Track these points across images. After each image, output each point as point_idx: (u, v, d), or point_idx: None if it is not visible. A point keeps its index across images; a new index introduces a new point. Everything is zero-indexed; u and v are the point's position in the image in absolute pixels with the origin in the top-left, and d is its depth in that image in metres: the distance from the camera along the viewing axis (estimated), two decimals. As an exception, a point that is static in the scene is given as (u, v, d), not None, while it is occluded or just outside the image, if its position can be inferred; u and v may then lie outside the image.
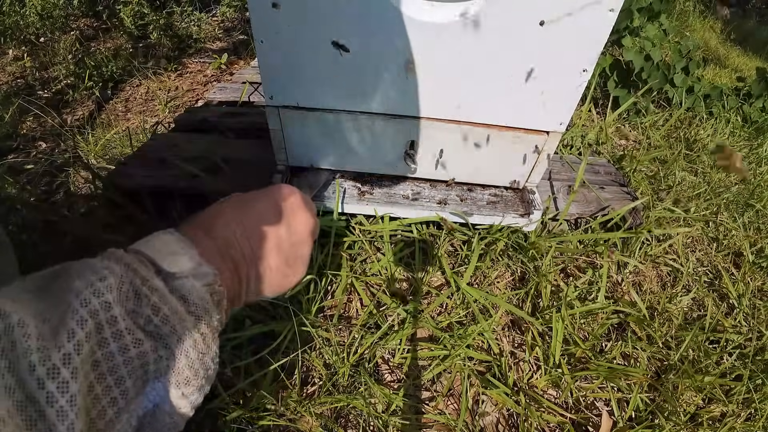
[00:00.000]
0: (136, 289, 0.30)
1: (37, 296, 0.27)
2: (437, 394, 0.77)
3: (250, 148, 1.12)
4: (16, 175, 1.33)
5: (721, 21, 4.71)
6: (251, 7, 0.68)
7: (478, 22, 0.69)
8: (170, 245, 0.34)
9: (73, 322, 0.26)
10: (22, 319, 0.24)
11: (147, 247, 0.34)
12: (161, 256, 0.33)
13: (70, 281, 0.28)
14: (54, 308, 0.26)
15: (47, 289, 0.28)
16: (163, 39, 2.23)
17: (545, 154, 0.91)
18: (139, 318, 0.30)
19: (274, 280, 0.41)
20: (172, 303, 0.31)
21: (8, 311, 0.24)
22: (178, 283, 0.32)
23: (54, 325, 0.26)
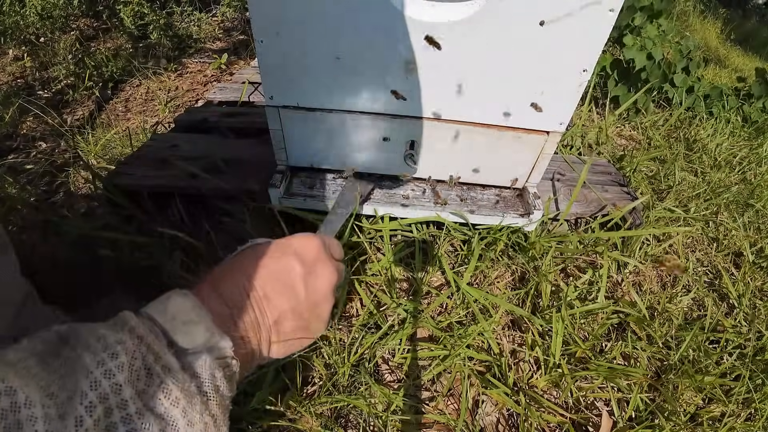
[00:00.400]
0: (148, 367, 0.29)
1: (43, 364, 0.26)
2: (437, 394, 0.77)
3: (250, 148, 1.12)
4: (16, 175, 1.33)
5: (720, 21, 4.71)
6: (251, 7, 0.68)
7: (478, 22, 0.69)
8: (186, 312, 0.33)
9: (81, 408, 0.25)
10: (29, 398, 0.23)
11: (161, 313, 0.33)
12: (175, 326, 0.32)
13: (80, 354, 0.27)
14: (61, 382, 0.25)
15: (56, 355, 0.27)
16: (163, 39, 2.23)
17: (545, 154, 0.91)
18: (150, 399, 0.28)
19: (288, 345, 0.40)
20: (184, 383, 0.30)
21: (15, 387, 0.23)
22: (190, 359, 0.31)
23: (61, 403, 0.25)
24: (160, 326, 0.32)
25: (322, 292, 0.41)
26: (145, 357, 0.29)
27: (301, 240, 0.42)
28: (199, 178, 0.97)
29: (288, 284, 0.39)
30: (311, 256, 0.41)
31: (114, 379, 0.27)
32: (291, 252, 0.40)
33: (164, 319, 0.32)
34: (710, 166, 1.53)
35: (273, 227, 0.91)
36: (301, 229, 0.94)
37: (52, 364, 0.26)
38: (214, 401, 0.31)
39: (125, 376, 0.28)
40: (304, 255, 0.40)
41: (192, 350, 0.32)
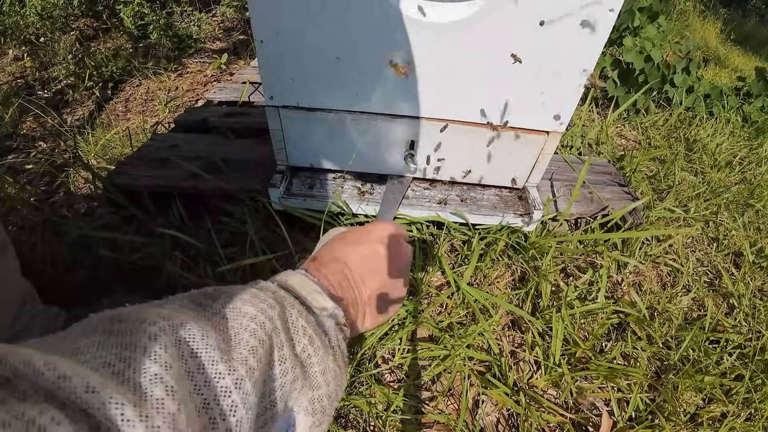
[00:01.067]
0: (294, 321, 0.33)
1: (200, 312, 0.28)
2: (437, 394, 0.77)
3: (250, 148, 1.12)
4: (16, 175, 1.33)
5: (721, 21, 4.71)
6: (251, 7, 0.68)
7: (478, 22, 0.69)
8: (308, 285, 0.38)
9: (254, 340, 0.28)
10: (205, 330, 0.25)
11: (288, 282, 0.37)
12: (305, 294, 0.36)
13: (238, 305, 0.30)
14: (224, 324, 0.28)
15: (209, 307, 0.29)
16: (163, 39, 2.23)
17: (545, 154, 0.91)
18: (297, 345, 0.32)
19: (376, 318, 0.45)
20: (321, 336, 0.34)
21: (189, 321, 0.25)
22: (321, 319, 0.35)
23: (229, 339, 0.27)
24: (293, 292, 0.36)
25: (402, 271, 0.47)
26: (291, 312, 0.33)
27: (381, 228, 0.48)
28: (199, 178, 0.97)
29: (376, 266, 0.45)
30: (390, 239, 0.47)
31: (275, 324, 0.30)
32: (375, 239, 0.46)
33: (293, 288, 0.37)
34: (710, 166, 1.53)
35: (273, 227, 0.91)
36: (301, 229, 0.94)
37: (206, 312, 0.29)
38: (339, 355, 0.36)
39: (281, 323, 0.31)
40: (384, 239, 0.47)
41: (321, 313, 0.36)
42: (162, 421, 0.20)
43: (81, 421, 0.18)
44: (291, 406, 0.31)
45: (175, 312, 0.26)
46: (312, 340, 0.33)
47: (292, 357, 0.30)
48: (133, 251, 0.92)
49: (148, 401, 0.20)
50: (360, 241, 0.46)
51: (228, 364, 0.25)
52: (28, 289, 0.66)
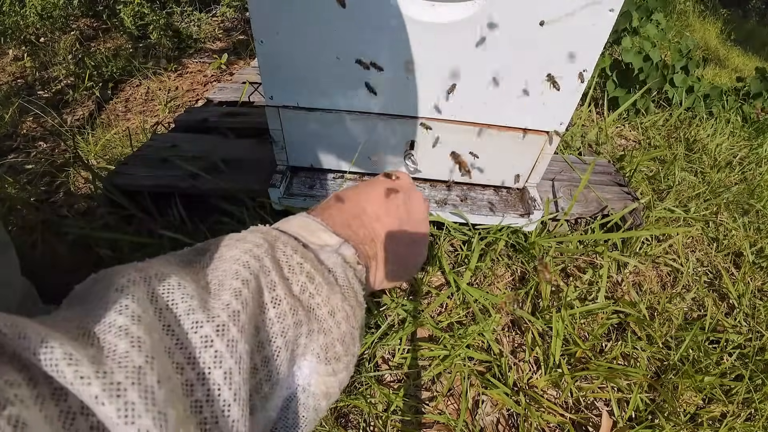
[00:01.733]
0: (288, 259, 0.28)
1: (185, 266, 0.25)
2: (437, 394, 0.77)
3: (250, 148, 1.12)
4: (16, 175, 1.33)
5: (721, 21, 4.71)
6: (251, 7, 0.68)
7: (478, 22, 0.69)
8: (310, 225, 0.34)
9: (237, 282, 0.24)
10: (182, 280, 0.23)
11: (287, 227, 0.33)
12: (304, 233, 0.32)
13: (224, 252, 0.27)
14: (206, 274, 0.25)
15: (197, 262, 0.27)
16: (163, 39, 2.23)
17: (545, 154, 0.91)
18: (294, 285, 0.28)
19: (398, 265, 0.40)
20: (324, 272, 0.30)
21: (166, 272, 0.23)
22: (323, 256, 0.31)
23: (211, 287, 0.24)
24: (291, 233, 0.32)
25: (421, 214, 0.43)
26: (284, 250, 0.29)
27: (391, 172, 0.45)
28: (199, 178, 0.97)
29: (393, 206, 0.40)
30: (406, 185, 0.43)
31: (262, 262, 0.27)
32: (388, 182, 0.42)
33: (292, 230, 0.33)
34: (710, 166, 1.53)
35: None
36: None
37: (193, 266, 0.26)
38: (350, 294, 0.31)
39: (271, 261, 0.27)
40: (400, 183, 0.43)
41: (324, 249, 0.32)
42: (124, 376, 0.17)
43: (42, 384, 0.16)
44: (300, 354, 0.27)
45: (152, 263, 0.24)
46: (311, 277, 0.28)
47: (289, 298, 0.27)
48: (133, 251, 0.92)
49: (109, 356, 0.18)
50: (372, 183, 0.42)
51: (207, 313, 0.22)
52: (28, 289, 0.66)
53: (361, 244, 0.36)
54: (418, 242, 0.42)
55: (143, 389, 0.17)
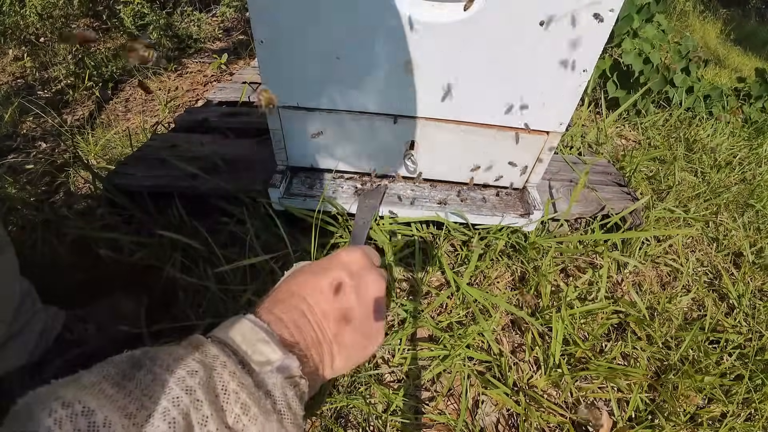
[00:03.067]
0: (224, 385, 0.28)
1: (119, 387, 0.25)
2: (437, 394, 0.77)
3: (250, 148, 1.12)
4: (16, 175, 1.33)
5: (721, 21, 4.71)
6: (251, 7, 0.68)
7: (478, 22, 0.69)
8: (255, 334, 0.33)
9: (165, 425, 0.25)
10: (108, 418, 0.23)
11: (228, 335, 0.32)
12: (244, 348, 0.32)
13: (158, 373, 0.27)
14: (139, 403, 0.25)
15: (131, 378, 0.26)
16: (163, 39, 2.23)
17: (545, 154, 0.91)
18: (228, 416, 0.28)
19: (352, 357, 0.40)
20: (260, 400, 0.29)
21: (92, 408, 0.23)
22: (261, 378, 0.31)
23: (141, 422, 0.24)
24: (231, 347, 0.31)
25: (374, 300, 0.41)
26: (221, 374, 0.29)
27: (344, 253, 0.42)
28: (199, 179, 0.97)
29: (342, 299, 0.39)
30: (357, 267, 0.41)
31: (194, 395, 0.26)
32: (339, 266, 0.40)
33: (233, 342, 0.32)
34: (710, 166, 1.53)
35: (272, 227, 0.91)
36: (301, 230, 0.94)
37: (127, 386, 0.26)
38: (288, 419, 0.31)
39: (204, 392, 0.27)
40: (350, 266, 0.41)
41: (263, 369, 0.31)
42: None
43: None
44: None
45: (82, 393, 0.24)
46: (246, 407, 0.28)
47: (222, 431, 0.27)
48: (133, 251, 0.92)
49: None
50: (321, 271, 0.40)
51: None
52: (27, 289, 0.66)
53: (309, 348, 0.36)
54: (370, 331, 0.41)
55: None
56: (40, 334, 0.67)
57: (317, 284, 0.39)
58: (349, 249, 0.43)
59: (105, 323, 0.75)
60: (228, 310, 0.82)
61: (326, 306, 0.38)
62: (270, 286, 0.86)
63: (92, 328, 0.74)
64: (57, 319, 0.71)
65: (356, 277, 0.40)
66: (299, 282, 0.40)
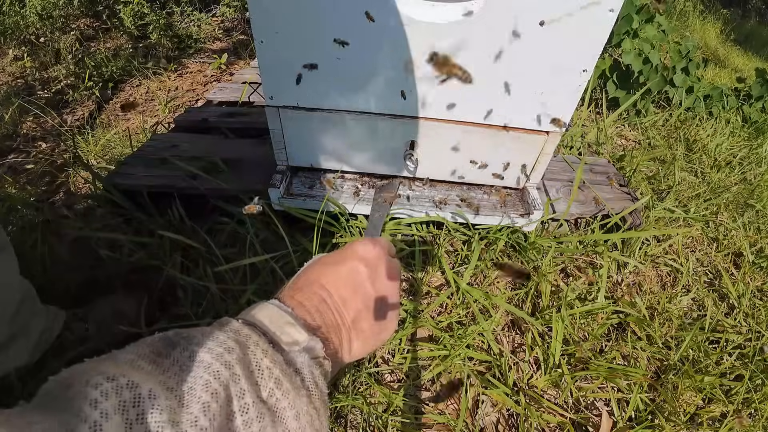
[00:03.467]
0: (258, 362, 0.30)
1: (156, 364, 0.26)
2: (437, 394, 0.77)
3: (250, 148, 1.12)
4: (16, 175, 1.33)
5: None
6: (251, 7, 0.68)
7: (478, 22, 0.69)
8: (279, 317, 0.35)
9: (207, 394, 0.26)
10: (153, 390, 0.24)
11: (257, 317, 0.34)
12: (274, 329, 0.34)
13: (194, 350, 0.28)
14: (178, 378, 0.26)
15: (166, 356, 0.27)
16: (163, 39, 2.23)
17: (545, 154, 0.91)
18: (263, 390, 0.29)
19: (368, 342, 0.42)
20: (291, 376, 0.31)
21: (136, 381, 0.24)
22: (291, 356, 0.33)
23: (182, 394, 0.25)
24: (260, 328, 0.33)
25: (388, 288, 0.43)
26: (254, 352, 0.30)
27: (360, 245, 0.44)
28: (199, 179, 0.97)
29: (358, 285, 0.41)
30: (373, 257, 0.43)
31: (233, 369, 0.28)
32: (355, 257, 0.42)
33: (262, 323, 0.34)
34: (710, 166, 1.53)
35: (272, 227, 0.91)
36: (301, 230, 0.94)
37: (164, 363, 0.27)
38: (315, 395, 0.32)
39: (241, 367, 0.28)
40: (367, 257, 0.43)
41: (292, 349, 0.33)
42: None
43: None
44: None
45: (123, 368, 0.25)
46: (279, 382, 0.30)
47: (257, 404, 0.28)
48: (133, 251, 0.92)
49: None
50: (339, 261, 0.42)
51: (176, 428, 0.23)
52: (27, 289, 0.66)
53: (330, 332, 0.38)
54: (385, 317, 0.43)
55: None
56: (40, 334, 0.67)
57: (336, 273, 0.41)
58: (365, 241, 0.45)
59: (105, 323, 0.75)
60: (228, 309, 0.82)
61: (345, 293, 0.40)
62: (270, 286, 0.86)
63: (92, 328, 0.74)
64: (57, 319, 0.71)
65: (372, 267, 0.42)
66: (318, 271, 0.42)
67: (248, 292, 0.83)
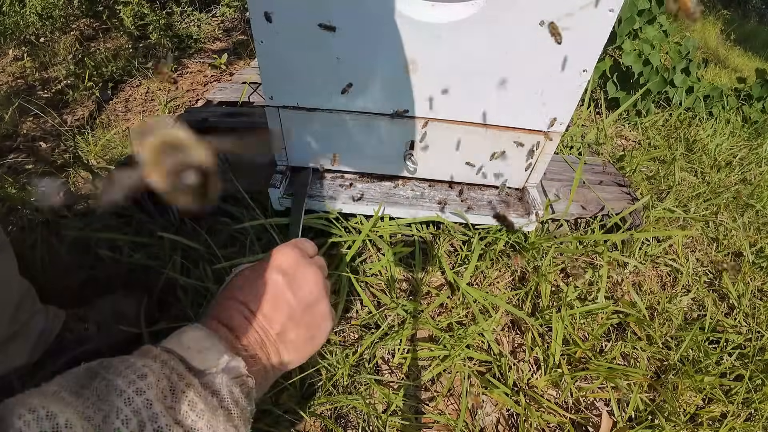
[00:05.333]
0: (173, 386, 0.31)
1: (77, 395, 0.28)
2: (437, 394, 0.77)
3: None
4: (16, 175, 1.32)
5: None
6: (251, 8, 0.68)
7: (478, 22, 0.69)
8: (200, 341, 0.36)
9: (118, 422, 0.27)
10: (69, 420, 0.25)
11: (177, 344, 0.36)
12: (192, 354, 0.35)
13: (111, 379, 0.29)
14: (96, 407, 0.28)
15: (87, 386, 0.29)
16: (163, 39, 2.23)
17: (545, 154, 0.91)
18: (177, 414, 0.30)
19: (299, 350, 0.42)
20: (206, 398, 0.32)
21: (55, 412, 0.25)
22: (208, 378, 0.34)
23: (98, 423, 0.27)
24: (178, 354, 0.35)
25: (311, 292, 0.43)
26: (169, 377, 0.32)
27: (277, 253, 0.44)
28: (199, 178, 0.96)
29: (277, 297, 0.41)
30: (289, 264, 0.43)
31: (145, 395, 0.29)
32: (271, 267, 0.43)
33: (181, 349, 0.35)
34: (710, 166, 1.53)
35: (272, 228, 0.91)
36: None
37: (84, 394, 0.28)
38: (235, 414, 0.34)
39: (154, 392, 0.30)
40: (283, 265, 0.43)
41: (208, 371, 0.34)
42: None
43: None
44: None
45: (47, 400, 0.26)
46: (193, 404, 0.31)
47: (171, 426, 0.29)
48: (133, 251, 0.92)
49: None
50: (256, 275, 0.42)
51: None
52: (26, 289, 0.66)
53: (255, 349, 0.39)
54: (314, 322, 0.43)
55: None
56: (39, 334, 0.67)
57: (254, 289, 0.42)
58: (280, 248, 0.45)
59: (105, 323, 0.75)
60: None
61: (266, 308, 0.41)
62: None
63: (92, 328, 0.74)
64: (57, 319, 0.71)
65: (291, 275, 0.43)
66: (239, 288, 0.42)
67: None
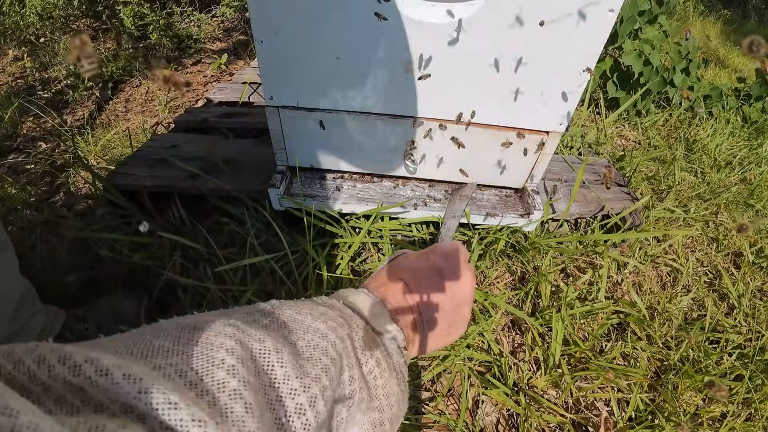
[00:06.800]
0: (361, 342, 0.33)
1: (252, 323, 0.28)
2: (437, 394, 0.77)
3: (250, 148, 1.12)
4: (16, 175, 1.33)
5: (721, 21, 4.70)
6: (251, 7, 0.68)
7: (478, 21, 0.69)
8: (371, 306, 0.37)
9: (327, 359, 0.28)
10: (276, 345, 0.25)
11: (358, 306, 0.37)
12: (368, 315, 0.36)
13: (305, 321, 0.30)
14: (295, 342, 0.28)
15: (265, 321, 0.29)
16: (163, 39, 2.23)
17: (545, 155, 0.91)
18: (365, 367, 0.32)
19: (438, 343, 0.43)
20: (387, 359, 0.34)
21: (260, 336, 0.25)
22: (386, 342, 0.35)
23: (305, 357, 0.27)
24: (358, 312, 0.36)
25: (465, 295, 0.44)
26: (357, 332, 0.33)
27: (442, 247, 0.45)
28: (199, 179, 0.97)
29: (438, 287, 0.42)
30: (453, 261, 0.44)
31: (345, 343, 0.30)
32: (438, 258, 0.44)
33: (363, 313, 0.36)
34: (710, 166, 1.53)
35: (272, 228, 0.91)
36: (301, 230, 0.94)
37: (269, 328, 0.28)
38: (401, 379, 0.35)
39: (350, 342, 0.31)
40: (448, 256, 0.44)
41: (384, 336, 0.36)
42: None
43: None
44: (355, 424, 0.31)
45: (247, 325, 0.26)
46: (379, 361, 0.32)
47: (360, 378, 0.30)
48: (133, 252, 0.92)
49: (229, 419, 0.20)
50: (422, 262, 0.44)
51: (302, 381, 0.25)
52: (27, 289, 0.66)
53: (409, 327, 0.40)
54: (456, 323, 0.44)
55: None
56: (39, 333, 0.67)
57: (418, 272, 0.43)
58: (446, 244, 0.46)
59: (105, 323, 0.75)
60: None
61: (426, 296, 0.42)
62: (270, 286, 0.86)
63: (92, 328, 0.74)
64: (57, 319, 0.71)
65: (453, 272, 0.43)
66: (401, 269, 0.43)
67: (248, 293, 0.83)
